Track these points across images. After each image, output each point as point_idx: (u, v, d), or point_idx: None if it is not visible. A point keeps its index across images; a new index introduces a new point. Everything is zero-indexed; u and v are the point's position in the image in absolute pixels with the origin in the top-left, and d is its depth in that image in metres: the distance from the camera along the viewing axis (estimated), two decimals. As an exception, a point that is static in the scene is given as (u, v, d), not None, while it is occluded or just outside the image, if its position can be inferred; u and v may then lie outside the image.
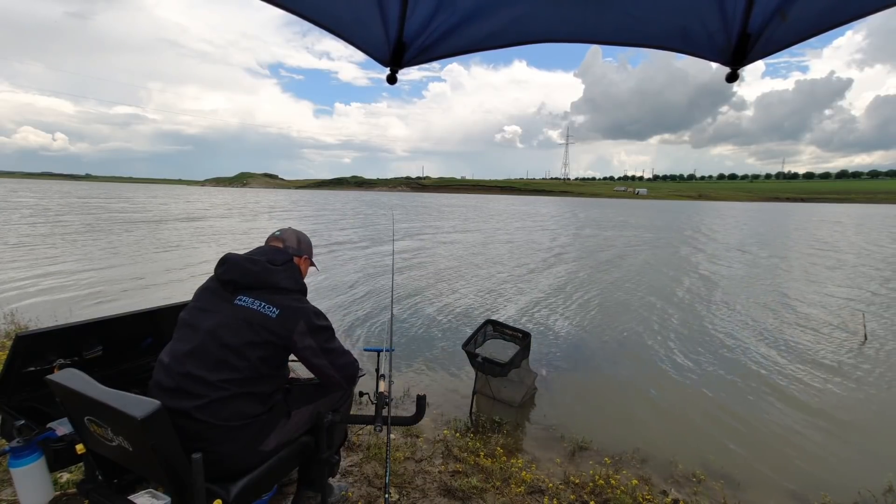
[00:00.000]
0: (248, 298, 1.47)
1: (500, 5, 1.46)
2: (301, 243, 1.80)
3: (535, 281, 9.12)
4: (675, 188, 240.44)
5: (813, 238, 19.96)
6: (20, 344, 1.68)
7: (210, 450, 1.33)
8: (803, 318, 6.74)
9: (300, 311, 1.50)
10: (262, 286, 1.50)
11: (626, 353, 5.20)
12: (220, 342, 1.40)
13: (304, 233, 1.86)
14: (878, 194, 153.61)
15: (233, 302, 1.46)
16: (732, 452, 3.17)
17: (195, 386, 1.37)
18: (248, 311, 1.44)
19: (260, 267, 1.52)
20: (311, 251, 1.87)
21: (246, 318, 1.43)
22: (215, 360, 1.39)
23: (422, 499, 2.34)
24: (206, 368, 1.38)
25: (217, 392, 1.37)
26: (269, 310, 1.45)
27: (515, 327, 3.90)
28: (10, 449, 1.56)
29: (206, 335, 1.41)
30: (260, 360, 1.43)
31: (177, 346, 1.46)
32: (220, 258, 1.57)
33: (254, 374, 1.43)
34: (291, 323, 1.46)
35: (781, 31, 1.31)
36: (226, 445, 1.38)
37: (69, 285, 7.59)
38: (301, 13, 1.37)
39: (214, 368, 1.38)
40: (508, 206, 59.22)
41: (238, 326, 1.42)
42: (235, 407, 1.40)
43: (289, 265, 1.62)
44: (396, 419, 1.67)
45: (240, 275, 1.50)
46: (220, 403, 1.37)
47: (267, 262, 1.55)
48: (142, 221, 19.84)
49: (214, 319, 1.44)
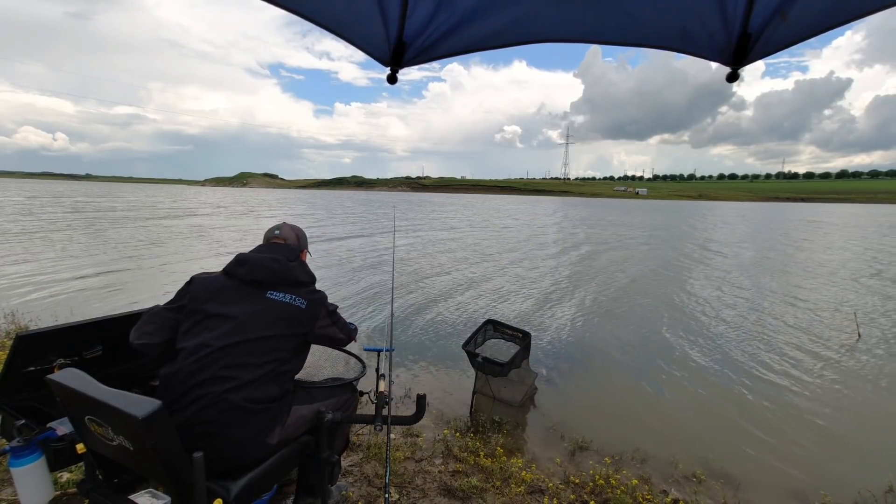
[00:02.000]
0: (278, 294, 1.62)
1: (500, 5, 1.46)
2: (300, 238, 1.94)
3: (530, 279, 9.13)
4: (676, 188, 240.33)
5: (812, 236, 19.98)
6: (20, 344, 1.68)
7: (223, 434, 1.42)
8: (799, 317, 6.74)
9: (320, 302, 1.70)
10: (287, 282, 1.66)
11: (626, 352, 5.20)
12: (257, 331, 1.53)
13: (298, 226, 1.98)
14: (879, 194, 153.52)
15: (265, 296, 1.60)
16: (732, 452, 3.17)
17: (232, 371, 1.47)
18: (282, 304, 1.60)
19: (282, 266, 1.67)
20: (306, 243, 2.00)
21: (281, 310, 1.59)
22: (250, 346, 1.51)
23: (422, 498, 2.34)
24: (238, 356, 1.49)
25: (252, 373, 1.49)
26: (299, 301, 1.63)
27: (515, 327, 3.90)
28: (10, 449, 1.56)
29: (242, 325, 1.53)
30: (288, 346, 1.60)
31: (208, 335, 1.52)
32: (237, 259, 1.67)
33: (282, 358, 1.57)
34: (316, 312, 1.67)
35: (782, 31, 1.31)
36: (239, 430, 1.46)
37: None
38: (301, 13, 1.37)
39: (247, 355, 1.50)
40: (505, 204, 59.20)
41: (274, 317, 1.57)
42: (263, 390, 1.51)
43: (300, 261, 1.78)
44: (396, 419, 1.66)
45: (267, 273, 1.64)
46: (248, 386, 1.48)
47: (286, 261, 1.70)
48: (129, 219, 19.85)
49: (250, 311, 1.56)
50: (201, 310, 1.56)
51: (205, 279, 1.65)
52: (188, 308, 1.59)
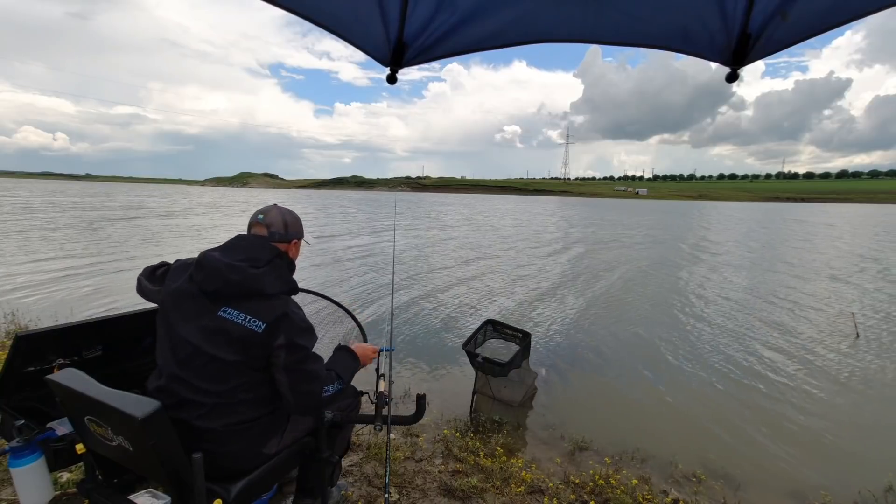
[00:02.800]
0: (232, 311, 1.34)
1: (500, 5, 1.46)
2: (289, 226, 1.57)
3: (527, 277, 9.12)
4: (676, 188, 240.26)
5: (812, 236, 19.97)
6: (20, 344, 1.68)
7: (212, 451, 1.32)
8: (798, 317, 6.74)
9: (282, 329, 1.36)
10: (247, 295, 1.37)
11: (627, 353, 5.20)
12: (208, 354, 1.33)
13: (290, 210, 1.64)
14: (879, 194, 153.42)
15: (216, 313, 1.34)
16: (732, 452, 3.17)
17: (193, 394, 1.33)
18: (234, 325, 1.33)
19: (242, 275, 1.36)
20: (300, 231, 1.64)
21: (230, 332, 1.33)
22: (206, 370, 1.34)
23: (422, 498, 2.34)
24: (199, 378, 1.33)
25: (214, 399, 1.34)
26: (255, 324, 1.33)
27: (515, 327, 3.90)
28: (10, 449, 1.56)
29: (192, 346, 1.34)
30: (250, 368, 1.36)
31: (166, 354, 1.39)
32: (197, 260, 1.41)
33: (246, 381, 1.37)
34: (269, 342, 1.35)
35: (782, 31, 1.31)
36: (228, 446, 1.37)
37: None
38: (301, 13, 1.37)
39: (207, 378, 1.33)
40: (505, 204, 59.20)
41: (223, 340, 1.33)
42: (234, 412, 1.37)
43: (274, 262, 1.45)
44: (396, 419, 1.66)
45: (222, 284, 1.36)
46: (220, 409, 1.35)
47: (249, 267, 1.38)
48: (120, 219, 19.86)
49: (199, 330, 1.34)
50: (166, 319, 1.41)
51: (176, 278, 1.45)
52: (161, 306, 1.45)
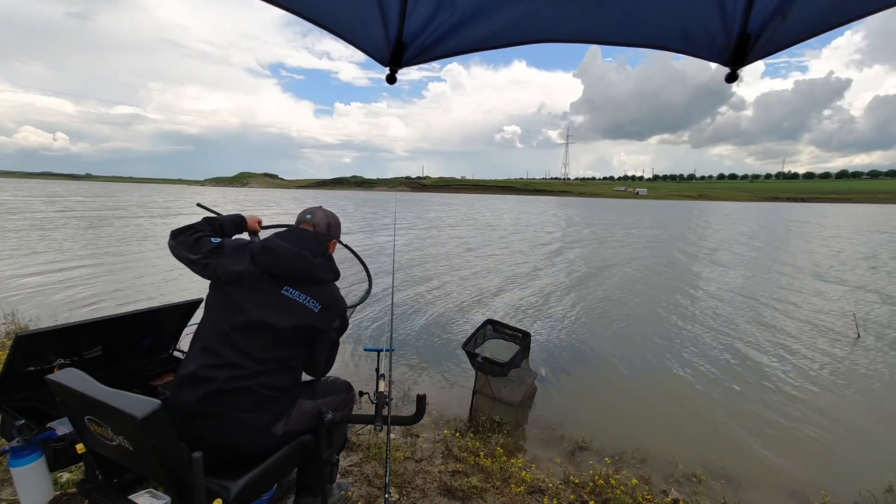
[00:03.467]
0: (294, 291, 1.62)
1: (499, 5, 1.46)
2: (331, 228, 1.84)
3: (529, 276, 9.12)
4: (676, 188, 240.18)
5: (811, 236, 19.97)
6: (20, 344, 1.68)
7: (235, 416, 1.49)
8: (797, 316, 6.74)
9: (337, 311, 1.70)
10: (306, 280, 1.65)
11: (626, 352, 5.20)
12: (268, 325, 1.55)
13: (333, 213, 1.89)
14: (879, 194, 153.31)
15: (280, 291, 1.61)
16: (732, 452, 3.17)
17: (242, 358, 1.51)
18: (295, 303, 1.60)
19: (306, 263, 1.64)
20: (339, 232, 1.90)
21: (291, 309, 1.59)
22: (264, 338, 1.55)
23: (422, 498, 2.34)
24: (254, 346, 1.54)
25: (263, 366, 1.54)
26: (312, 304, 1.62)
27: (515, 327, 3.90)
28: (10, 449, 1.56)
29: (255, 317, 1.55)
30: (299, 342, 1.63)
31: (220, 320, 1.57)
32: (264, 246, 1.64)
33: (294, 353, 1.63)
34: (329, 321, 1.67)
35: (781, 32, 1.31)
36: (253, 414, 1.52)
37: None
38: (301, 13, 1.37)
39: (261, 346, 1.54)
40: (505, 204, 59.19)
41: (285, 315, 1.58)
42: (274, 378, 1.57)
43: (327, 256, 1.75)
44: (396, 419, 1.66)
45: (288, 269, 1.62)
46: (260, 373, 1.53)
47: (311, 257, 1.66)
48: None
49: (264, 304, 1.58)
50: (225, 291, 1.60)
51: (231, 258, 1.65)
52: (214, 277, 1.63)
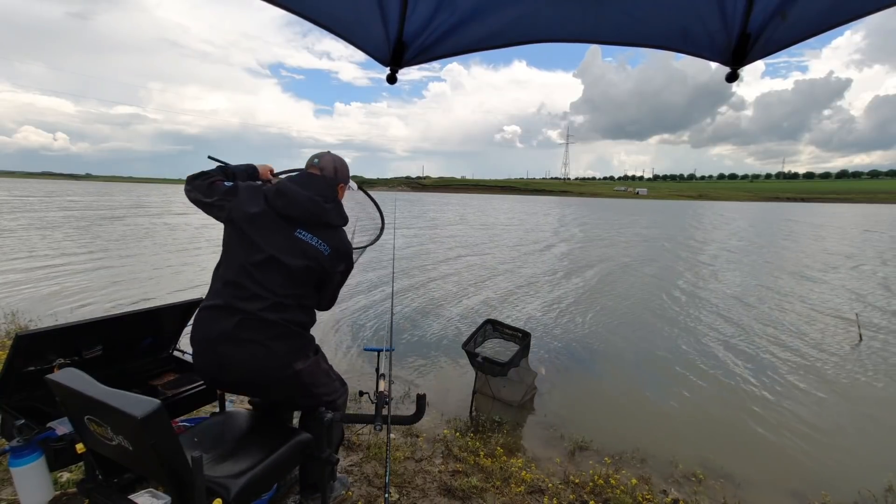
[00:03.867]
0: (306, 233, 1.71)
1: (500, 5, 1.46)
2: (339, 172, 1.89)
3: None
4: (676, 188, 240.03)
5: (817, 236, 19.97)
6: (20, 343, 1.69)
7: (264, 343, 1.62)
8: (798, 317, 6.74)
9: (345, 255, 1.81)
10: (317, 224, 1.74)
11: (626, 352, 5.20)
12: (283, 263, 1.66)
13: (340, 158, 1.93)
14: (879, 194, 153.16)
15: (293, 233, 1.70)
16: (732, 452, 3.17)
17: (264, 291, 1.64)
18: (307, 245, 1.70)
19: (318, 208, 1.73)
20: (347, 177, 1.94)
21: (304, 250, 1.70)
22: (280, 275, 1.66)
23: (422, 498, 2.34)
24: (273, 281, 1.65)
25: (280, 299, 1.65)
26: (323, 247, 1.73)
27: (515, 327, 3.90)
28: (10, 448, 1.56)
29: (270, 254, 1.66)
30: (310, 282, 1.75)
31: (240, 257, 1.68)
32: (278, 189, 1.72)
33: (307, 292, 1.75)
34: (337, 263, 1.78)
35: (781, 31, 1.31)
36: (276, 342, 1.65)
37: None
38: (302, 13, 1.37)
39: (279, 283, 1.66)
40: (505, 204, 59.21)
41: (297, 255, 1.68)
42: (294, 314, 1.70)
43: (337, 202, 1.84)
44: (396, 418, 1.66)
45: (300, 212, 1.71)
46: (279, 307, 1.65)
47: (323, 202, 1.74)
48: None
49: (278, 244, 1.68)
50: (241, 230, 1.70)
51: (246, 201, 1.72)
52: (230, 218, 1.72)
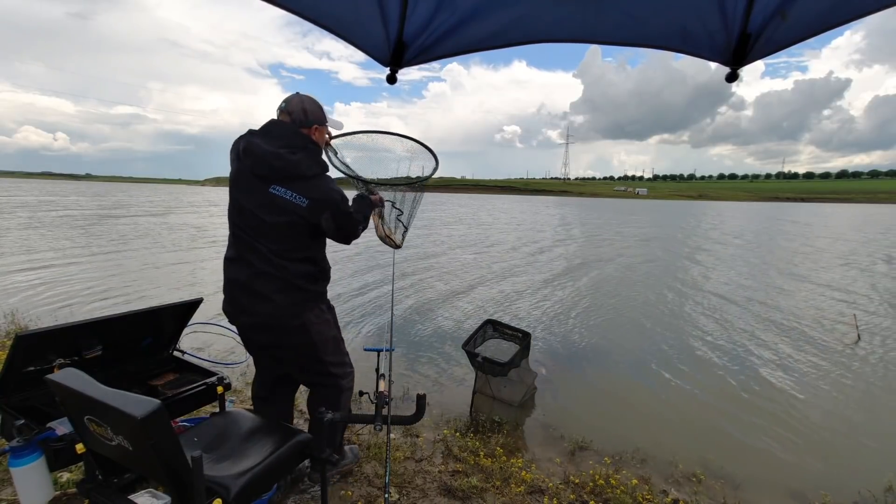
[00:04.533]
0: (280, 188, 1.68)
1: (499, 5, 1.46)
2: (308, 113, 1.77)
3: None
4: (676, 188, 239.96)
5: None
6: (20, 344, 1.69)
7: (270, 297, 1.70)
8: (798, 317, 6.74)
9: (326, 202, 1.72)
10: (290, 177, 1.68)
11: (626, 352, 5.20)
12: (265, 221, 1.68)
13: (310, 97, 1.81)
14: (879, 194, 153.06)
15: (268, 190, 1.68)
16: (732, 452, 3.17)
17: (259, 247, 1.70)
18: (283, 199, 1.68)
19: (284, 161, 1.66)
20: (321, 117, 1.82)
21: (281, 207, 1.68)
22: (268, 232, 1.70)
23: (422, 498, 2.34)
24: (264, 238, 1.70)
25: (275, 255, 1.70)
26: (299, 199, 1.68)
27: (515, 327, 3.90)
28: (10, 448, 1.56)
29: (253, 212, 1.70)
30: (299, 234, 1.74)
31: (235, 217, 1.75)
32: (243, 147, 1.69)
33: (301, 244, 1.75)
34: (319, 212, 1.72)
35: (781, 31, 1.31)
36: (282, 296, 1.71)
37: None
38: (302, 13, 1.37)
39: (270, 240, 1.70)
40: (504, 204, 59.20)
41: (276, 212, 1.68)
42: (295, 267, 1.74)
43: (308, 148, 1.73)
44: (396, 418, 1.66)
45: (268, 170, 1.67)
46: (281, 264, 1.71)
47: (289, 154, 1.66)
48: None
49: (257, 201, 1.69)
50: (232, 192, 1.77)
51: (231, 160, 1.76)
52: (230, 179, 1.79)
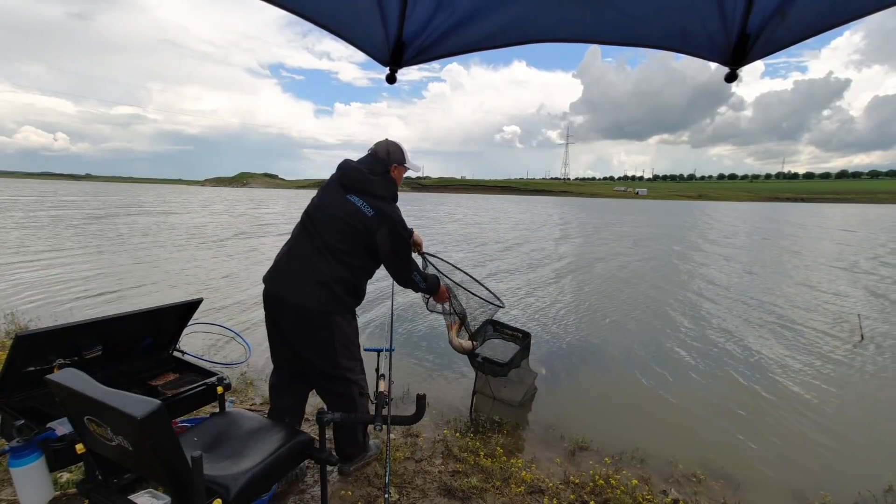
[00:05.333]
0: (356, 198, 2.09)
1: (499, 5, 1.46)
2: (390, 154, 2.21)
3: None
4: (675, 188, 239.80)
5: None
6: (20, 344, 1.69)
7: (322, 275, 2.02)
8: (800, 317, 6.74)
9: (386, 219, 2.08)
10: (364, 191, 2.09)
11: (626, 352, 5.20)
12: (340, 218, 2.06)
13: (395, 142, 2.25)
14: (879, 194, 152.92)
15: (346, 196, 2.10)
16: (732, 452, 3.17)
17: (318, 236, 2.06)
18: (354, 206, 2.07)
19: (362, 176, 2.10)
20: (401, 157, 2.24)
21: (352, 211, 2.07)
22: (335, 228, 2.06)
23: (422, 498, 2.34)
24: (329, 231, 2.06)
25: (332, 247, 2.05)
26: (367, 209, 2.06)
27: (515, 327, 3.89)
28: (10, 449, 1.57)
29: (331, 212, 2.09)
30: (358, 242, 2.08)
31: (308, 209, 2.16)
32: (340, 164, 2.18)
33: (355, 249, 2.09)
34: (376, 225, 2.07)
35: (781, 31, 1.31)
36: (320, 289, 2.02)
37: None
38: (302, 13, 1.37)
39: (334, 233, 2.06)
40: (504, 204, 59.21)
41: (347, 213, 2.06)
42: (339, 259, 2.06)
43: (385, 176, 2.16)
44: (396, 419, 1.67)
45: (349, 181, 2.11)
46: (332, 254, 2.05)
47: (369, 174, 2.11)
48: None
49: (334, 202, 2.10)
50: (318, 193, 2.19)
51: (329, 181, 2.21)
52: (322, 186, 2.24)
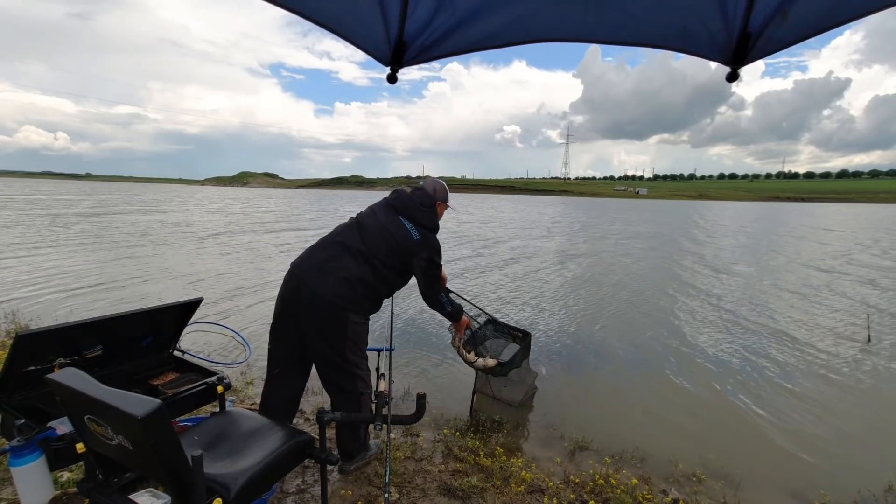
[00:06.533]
0: (406, 221, 2.36)
1: (499, 5, 1.46)
2: (436, 191, 2.51)
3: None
4: (676, 188, 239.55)
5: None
6: (21, 343, 1.69)
7: (349, 271, 2.20)
8: (803, 317, 6.74)
9: (428, 246, 2.36)
10: (414, 218, 2.37)
11: (627, 352, 5.20)
12: (389, 231, 2.32)
13: (440, 181, 2.55)
14: (879, 194, 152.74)
15: (397, 217, 2.37)
16: (732, 452, 3.17)
17: (366, 248, 2.28)
18: (405, 227, 2.34)
19: (415, 205, 2.39)
20: (444, 196, 2.54)
21: (401, 231, 2.32)
22: (380, 239, 2.30)
23: (422, 498, 2.34)
24: (372, 240, 2.30)
25: (369, 253, 2.27)
26: (414, 232, 2.34)
27: (516, 327, 3.89)
28: (10, 448, 1.57)
29: (382, 225, 2.34)
30: (396, 258, 2.32)
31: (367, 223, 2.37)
32: (395, 191, 2.49)
33: (390, 261, 2.30)
34: (418, 249, 2.33)
35: (782, 31, 1.31)
36: (342, 284, 2.18)
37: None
38: (302, 13, 1.37)
39: (376, 243, 2.29)
40: (504, 204, 59.21)
41: (395, 230, 2.32)
42: (374, 267, 2.26)
43: (431, 209, 2.44)
44: (396, 418, 1.67)
45: (402, 205, 2.40)
46: (368, 259, 2.26)
47: (420, 206, 2.40)
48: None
49: (388, 222, 2.35)
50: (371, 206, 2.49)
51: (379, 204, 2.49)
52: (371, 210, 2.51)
